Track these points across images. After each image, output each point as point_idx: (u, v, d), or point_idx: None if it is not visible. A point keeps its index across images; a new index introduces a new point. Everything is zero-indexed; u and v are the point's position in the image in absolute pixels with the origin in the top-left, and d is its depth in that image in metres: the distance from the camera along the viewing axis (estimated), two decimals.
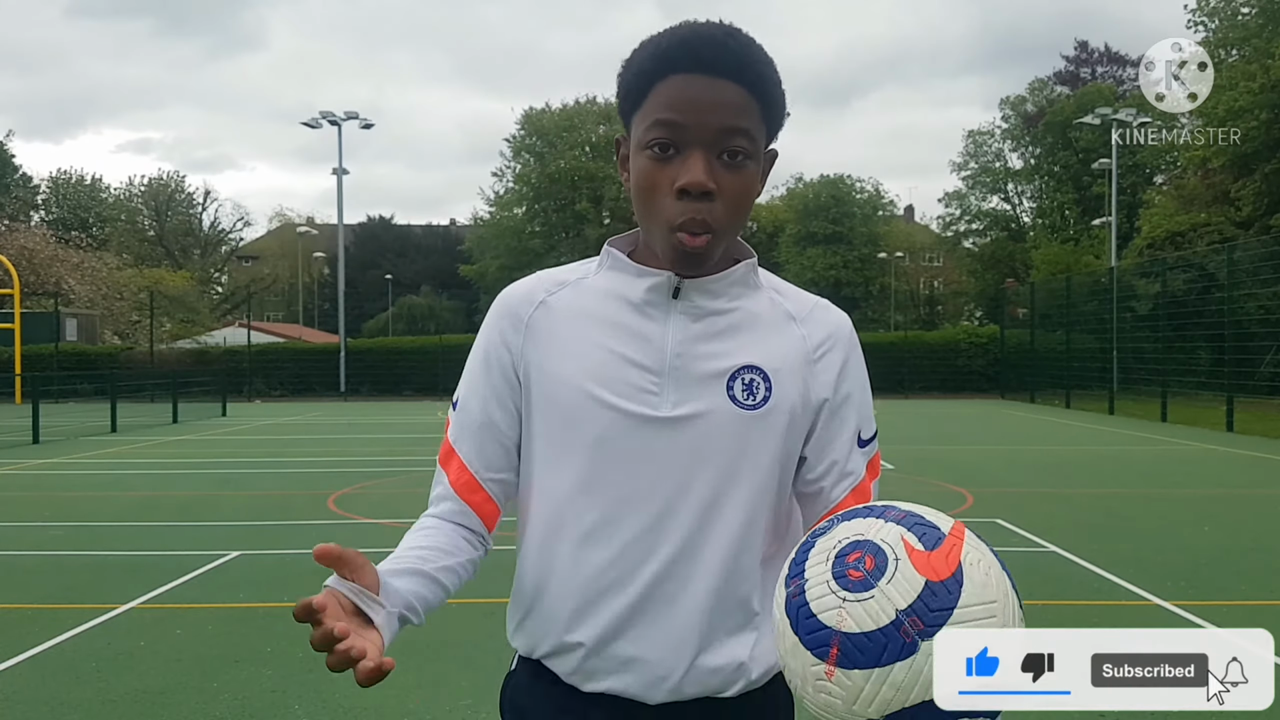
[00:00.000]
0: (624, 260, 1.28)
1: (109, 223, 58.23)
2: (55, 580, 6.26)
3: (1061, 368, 26.10)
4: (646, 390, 1.22)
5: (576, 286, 1.30)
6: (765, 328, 1.27)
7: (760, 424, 1.23)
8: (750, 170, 1.20)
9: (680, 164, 1.16)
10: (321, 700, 4.04)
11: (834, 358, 1.29)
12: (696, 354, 1.23)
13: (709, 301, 1.25)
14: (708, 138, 1.16)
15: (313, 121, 33.92)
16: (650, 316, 1.24)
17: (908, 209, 63.12)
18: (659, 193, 1.18)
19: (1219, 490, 10.50)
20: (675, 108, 1.16)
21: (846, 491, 1.29)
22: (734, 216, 1.20)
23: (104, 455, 14.23)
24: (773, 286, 1.32)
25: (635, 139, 1.21)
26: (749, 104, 1.18)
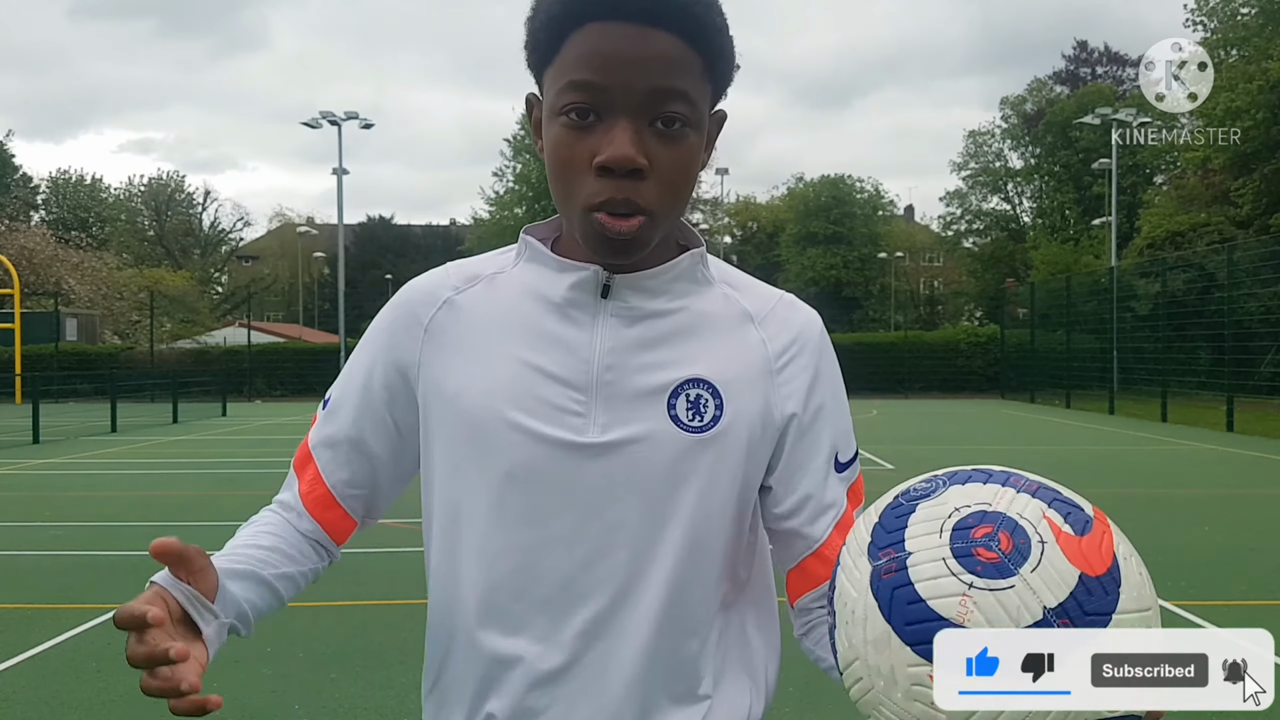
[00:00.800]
0: (543, 251, 1.06)
1: (109, 223, 58.25)
2: (55, 580, 6.26)
3: (1061, 368, 26.11)
4: (569, 411, 1.01)
5: (490, 282, 1.09)
6: (715, 331, 1.05)
7: (710, 449, 1.01)
8: (690, 141, 0.98)
9: (602, 134, 0.94)
10: (321, 700, 4.04)
11: (802, 364, 1.07)
12: (630, 365, 1.02)
13: (646, 301, 1.03)
14: (635, 102, 0.94)
15: (313, 121, 33.91)
16: (574, 320, 1.03)
17: (908, 209, 63.17)
18: (576, 169, 0.96)
19: (1219, 490, 10.50)
20: (593, 65, 0.93)
21: (830, 527, 1.06)
22: (671, 198, 0.98)
23: (104, 455, 14.23)
24: (725, 280, 1.10)
25: (548, 102, 0.99)
26: (687, 58, 0.95)
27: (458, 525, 1.05)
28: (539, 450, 1.00)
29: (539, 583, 1.01)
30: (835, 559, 0.94)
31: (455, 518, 1.05)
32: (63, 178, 59.19)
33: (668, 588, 1.01)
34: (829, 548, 1.05)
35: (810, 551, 1.07)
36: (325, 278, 60.66)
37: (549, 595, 1.00)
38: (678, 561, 1.01)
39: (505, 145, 50.36)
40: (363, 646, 4.74)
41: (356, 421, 1.11)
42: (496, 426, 1.02)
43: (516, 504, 1.01)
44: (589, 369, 1.01)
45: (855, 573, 0.82)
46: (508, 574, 1.02)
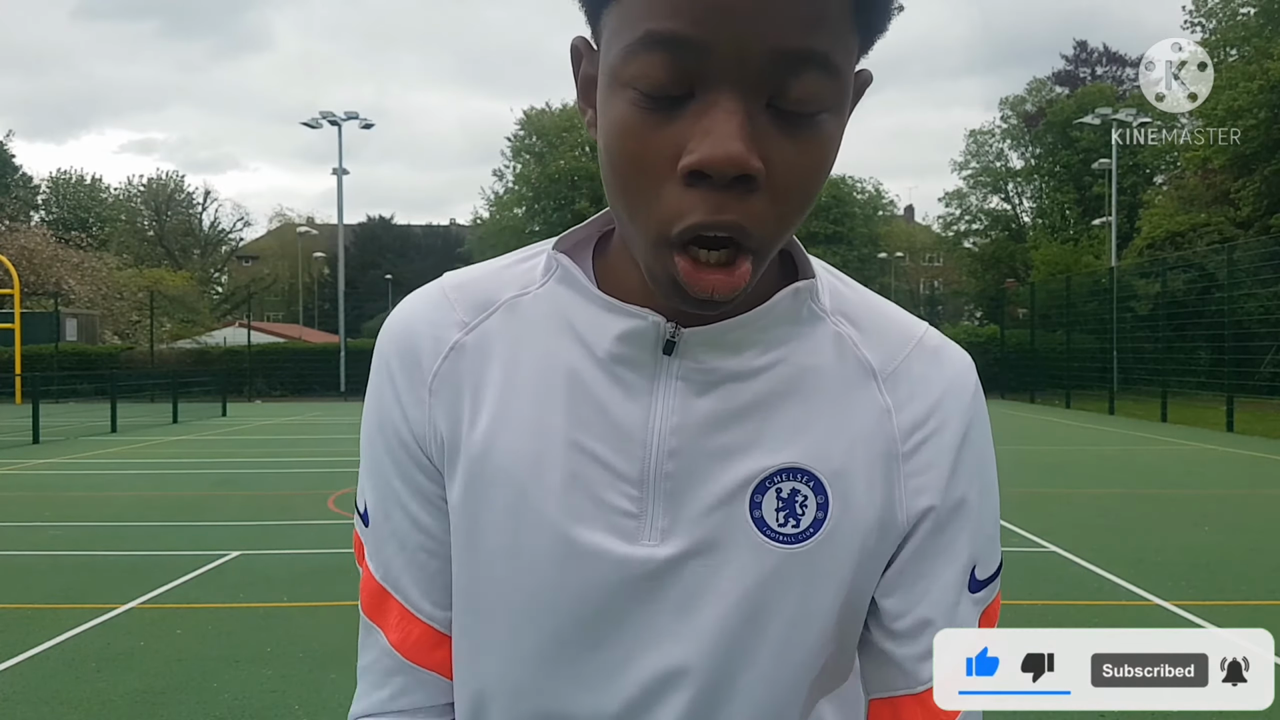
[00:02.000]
0: (581, 282, 0.76)
1: (109, 223, 58.25)
2: (55, 580, 6.26)
3: (1061, 368, 26.11)
4: (620, 511, 0.73)
5: (511, 310, 0.78)
6: (823, 394, 0.75)
7: (806, 565, 0.74)
8: (827, 132, 0.65)
9: (694, 120, 0.62)
10: (321, 700, 4.04)
11: (943, 445, 0.76)
12: (702, 451, 0.73)
13: (727, 360, 0.73)
14: (749, 71, 0.61)
15: (313, 122, 33.93)
16: (624, 385, 0.74)
17: (908, 209, 63.20)
18: (649, 169, 0.64)
19: (1219, 490, 10.50)
20: (685, 11, 0.60)
21: None
22: (792, 220, 0.66)
23: (104, 455, 14.22)
24: (842, 312, 0.77)
25: (609, 62, 0.65)
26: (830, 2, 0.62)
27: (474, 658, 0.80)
28: (575, 564, 0.74)
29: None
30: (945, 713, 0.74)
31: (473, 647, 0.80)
32: (63, 178, 59.20)
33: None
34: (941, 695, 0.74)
35: (910, 692, 0.77)
36: (325, 278, 60.64)
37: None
38: (755, 708, 0.75)
39: (505, 145, 50.43)
40: None
41: (410, 516, 0.81)
42: (524, 530, 0.75)
43: (542, 630, 0.76)
44: (645, 454, 0.73)
45: None
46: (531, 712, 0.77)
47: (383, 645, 0.84)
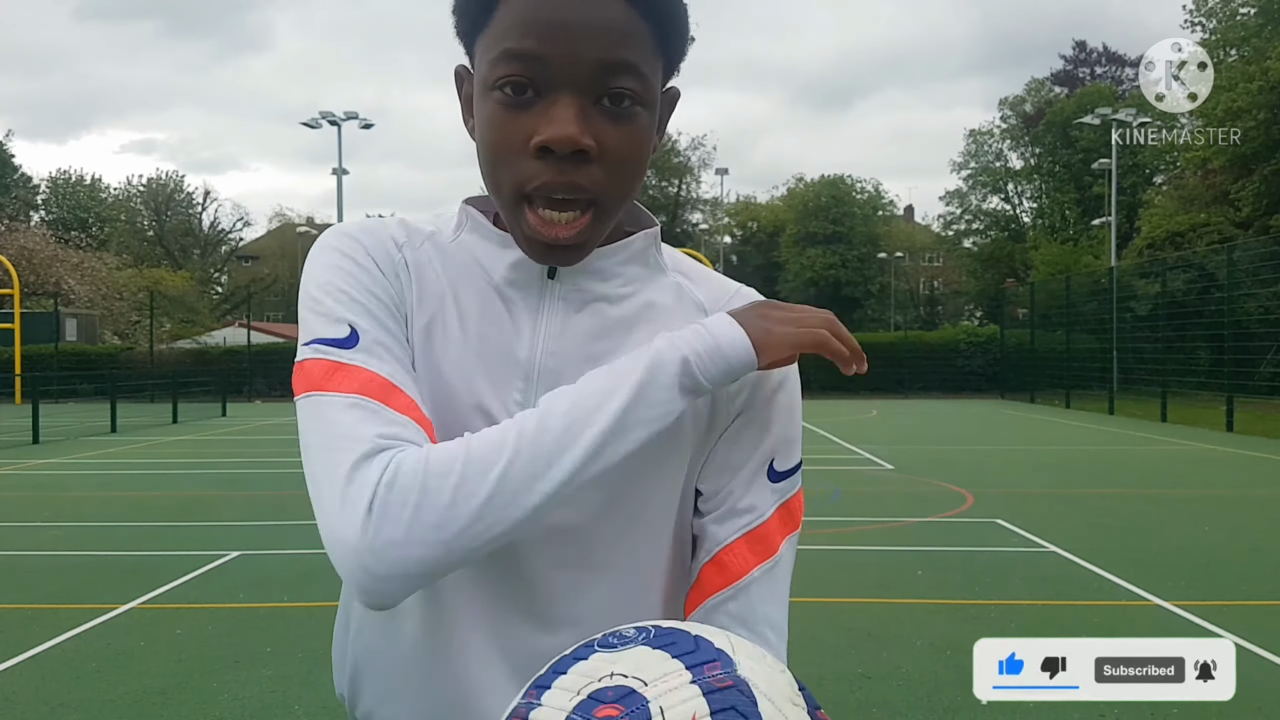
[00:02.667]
0: (485, 224, 0.96)
1: (109, 223, 58.24)
2: (55, 580, 6.26)
3: (1061, 368, 26.10)
4: (512, 399, 0.92)
5: (435, 243, 0.97)
6: (667, 321, 0.95)
7: (656, 449, 0.90)
8: (641, 120, 0.88)
9: (542, 112, 0.84)
10: (321, 700, 4.04)
11: None
12: (578, 355, 0.93)
13: (597, 284, 0.95)
14: (580, 75, 0.84)
15: (312, 122, 33.90)
16: (514, 303, 0.94)
17: (908, 209, 63.17)
18: (510, 150, 0.86)
19: (1219, 490, 10.50)
20: (531, 33, 0.83)
21: (739, 533, 0.95)
22: (621, 184, 0.88)
23: (104, 455, 14.23)
24: (679, 270, 1.01)
25: (480, 76, 0.89)
26: (636, 28, 0.85)
27: None
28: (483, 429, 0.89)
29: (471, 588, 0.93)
30: (733, 569, 0.93)
31: None
32: (62, 178, 59.20)
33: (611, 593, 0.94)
34: (730, 554, 0.94)
35: (709, 557, 0.95)
36: None
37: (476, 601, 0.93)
38: (619, 566, 0.94)
39: None
40: None
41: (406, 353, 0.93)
42: (463, 403, 0.92)
43: None
44: (531, 356, 0.93)
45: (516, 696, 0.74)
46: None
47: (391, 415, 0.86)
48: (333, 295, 0.91)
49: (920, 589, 5.83)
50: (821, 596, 5.62)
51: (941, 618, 5.21)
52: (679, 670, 0.67)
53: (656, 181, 52.92)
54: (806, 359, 0.94)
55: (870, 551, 7.08)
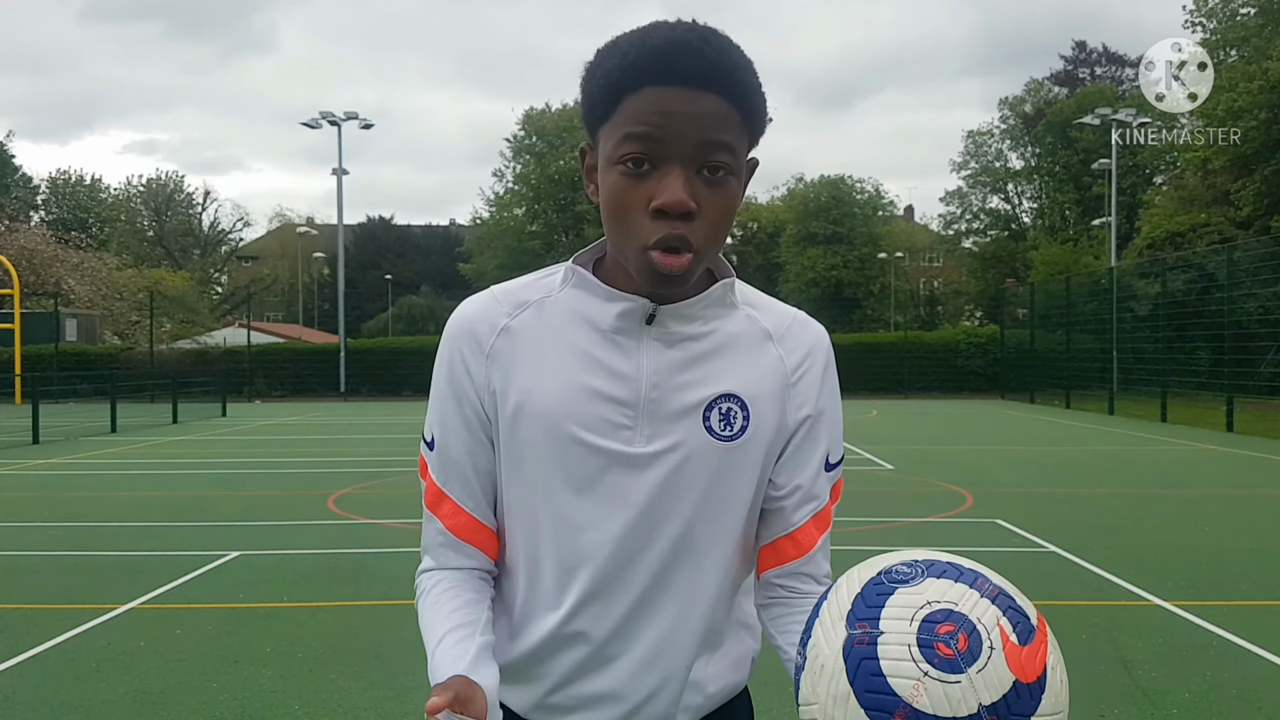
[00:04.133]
0: (592, 281, 1.19)
1: (109, 223, 58.23)
2: (55, 580, 6.26)
3: (1061, 368, 26.10)
4: (621, 425, 1.16)
5: (540, 307, 1.21)
6: (742, 350, 1.21)
7: (737, 454, 1.18)
8: (732, 187, 1.12)
9: (657, 181, 1.08)
10: (321, 700, 4.04)
11: (813, 375, 1.24)
12: (672, 385, 1.17)
13: (684, 326, 1.18)
14: (687, 153, 1.07)
15: (313, 122, 33.90)
16: (621, 347, 1.17)
17: (908, 209, 63.16)
18: (633, 212, 1.09)
19: (1219, 490, 10.50)
20: (649, 121, 1.07)
21: (809, 516, 1.24)
22: (716, 236, 1.12)
23: (104, 455, 14.23)
24: (748, 302, 1.25)
25: (605, 154, 1.12)
26: (730, 115, 1.09)
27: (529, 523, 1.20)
28: (595, 461, 1.16)
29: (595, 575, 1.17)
30: (805, 543, 1.23)
31: (526, 517, 1.20)
32: (62, 178, 59.18)
33: (695, 573, 1.19)
34: (803, 533, 1.23)
35: (785, 533, 1.23)
36: (325, 278, 60.64)
37: (599, 586, 1.18)
38: (707, 551, 1.19)
39: (505, 146, 50.43)
40: (363, 646, 4.74)
41: (467, 450, 1.21)
42: (558, 441, 1.16)
43: (575, 509, 1.17)
44: (637, 389, 1.16)
45: (831, 633, 0.96)
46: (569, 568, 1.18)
47: (438, 528, 1.23)
48: (433, 402, 1.24)
49: None
50: None
51: None
52: (966, 590, 0.93)
53: None
54: None
55: (870, 551, 7.05)
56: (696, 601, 1.20)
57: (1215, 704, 3.97)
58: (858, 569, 1.01)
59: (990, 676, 0.88)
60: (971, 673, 0.88)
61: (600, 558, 1.17)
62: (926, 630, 0.90)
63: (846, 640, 0.93)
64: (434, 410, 1.24)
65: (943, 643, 0.89)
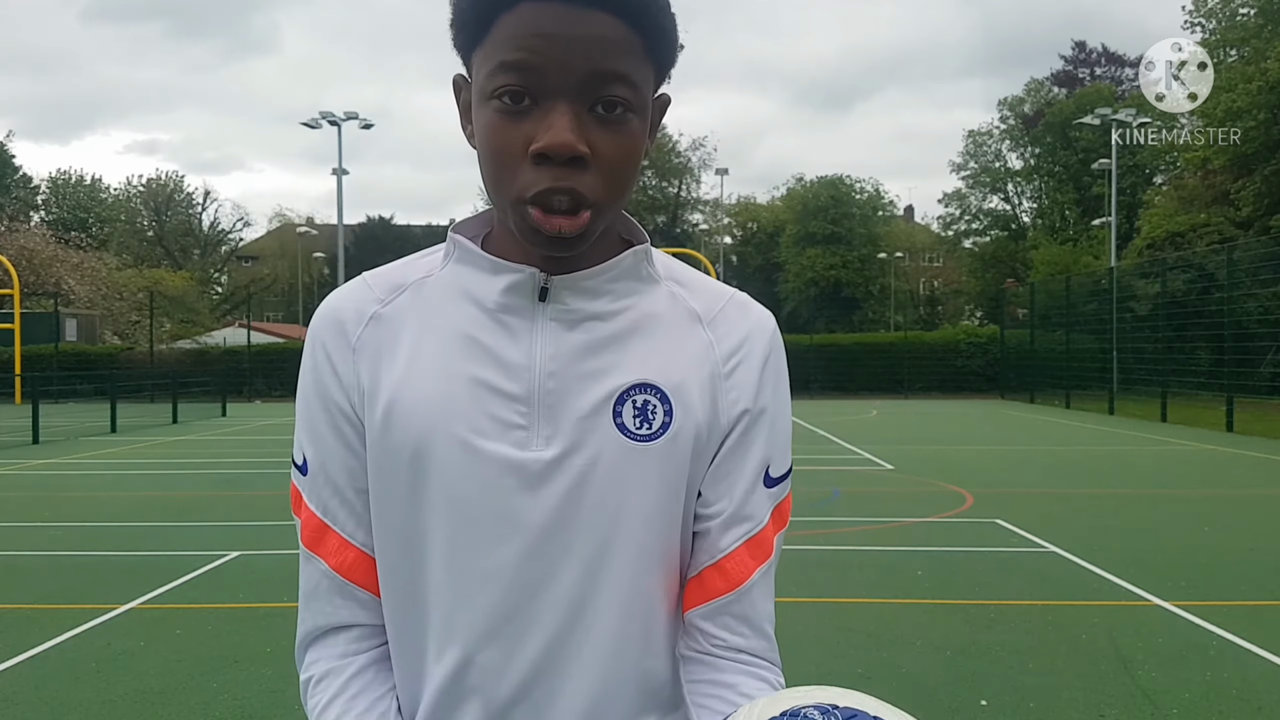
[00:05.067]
0: (473, 251, 0.98)
1: (109, 223, 58.23)
2: (55, 580, 6.26)
3: (1061, 368, 26.11)
4: (513, 425, 0.94)
5: (417, 290, 1.00)
6: (662, 332, 0.98)
7: (656, 457, 0.94)
8: (634, 126, 0.90)
9: (539, 119, 0.87)
10: None
11: (750, 366, 1.00)
12: (573, 374, 0.95)
13: (587, 303, 0.96)
14: (574, 84, 0.87)
15: (312, 122, 33.88)
16: (510, 327, 0.95)
17: (908, 209, 63.16)
18: (510, 157, 0.88)
19: (1219, 490, 10.50)
20: (527, 45, 0.86)
21: (739, 541, 0.98)
22: (614, 187, 0.90)
23: (104, 455, 14.23)
24: (673, 278, 1.02)
25: (478, 87, 0.91)
26: (627, 39, 0.88)
27: (399, 559, 0.97)
28: (482, 470, 0.93)
29: (486, 615, 0.94)
30: (736, 575, 0.98)
31: (396, 550, 0.97)
32: (62, 178, 59.20)
33: (621, 608, 0.95)
34: (732, 561, 0.98)
35: (711, 562, 0.99)
36: (325, 278, 60.62)
37: (494, 627, 0.94)
38: (631, 578, 0.95)
39: None
40: None
41: (342, 464, 1.00)
42: (435, 447, 0.94)
43: (456, 531, 0.94)
44: (530, 378, 0.94)
45: None
46: (450, 609, 0.94)
47: (323, 570, 1.00)
48: (299, 417, 1.03)
49: (920, 589, 5.83)
50: (822, 596, 5.62)
51: (941, 618, 5.21)
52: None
53: (656, 182, 52.94)
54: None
55: (870, 551, 7.08)
56: (627, 647, 0.95)
57: (1215, 704, 3.97)
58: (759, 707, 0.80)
59: None
60: None
61: (493, 591, 0.93)
62: None
63: None
64: (302, 426, 1.02)
65: None
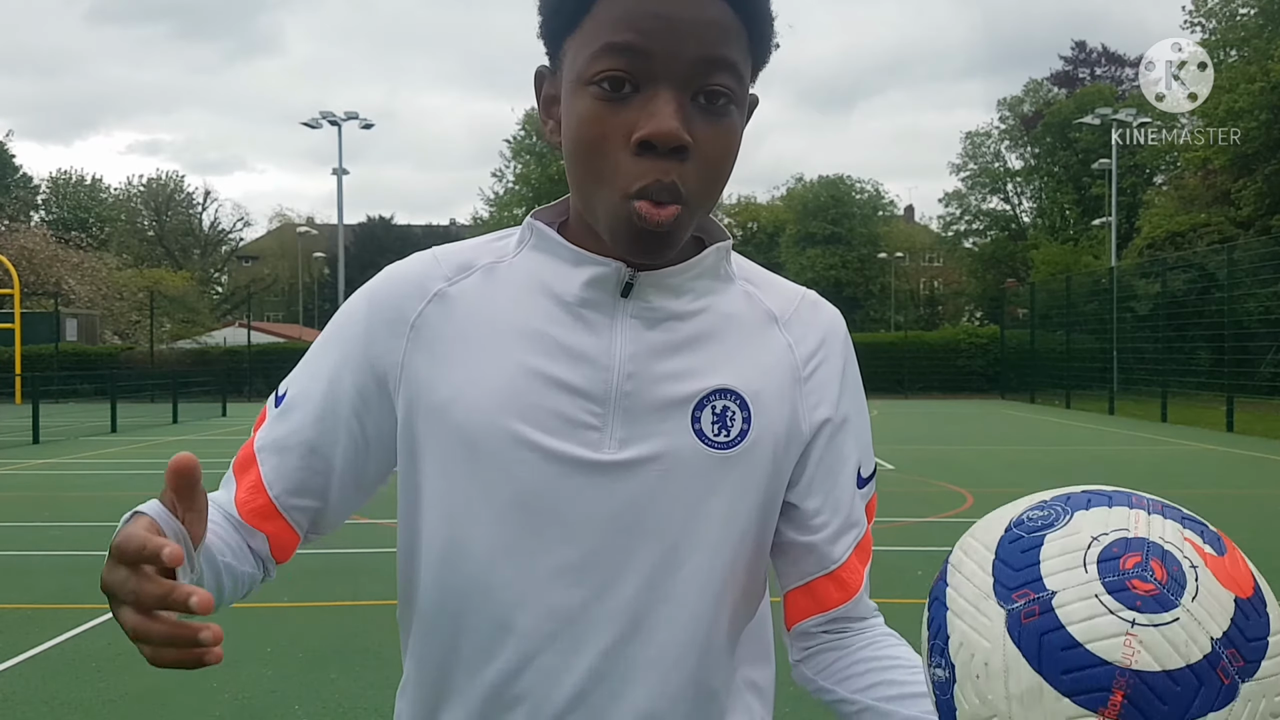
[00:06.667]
0: (555, 240, 0.93)
1: (109, 223, 58.23)
2: (55, 580, 6.26)
3: (1061, 368, 26.12)
4: (584, 425, 0.89)
5: (489, 273, 0.94)
6: (741, 335, 0.94)
7: (735, 467, 0.91)
8: (734, 120, 0.87)
9: (641, 107, 0.82)
10: (321, 700, 4.04)
11: (830, 370, 0.97)
12: (653, 374, 0.90)
13: (669, 301, 0.92)
14: (680, 71, 0.82)
15: (313, 122, 33.89)
16: (589, 323, 0.90)
17: (908, 209, 63.16)
18: (608, 146, 0.83)
19: (1219, 490, 10.50)
20: (636, 27, 0.81)
21: (851, 548, 0.97)
22: (712, 183, 0.87)
23: (104, 455, 14.23)
24: (746, 277, 0.99)
25: (573, 72, 0.85)
26: (735, 27, 0.84)
27: (455, 553, 0.92)
28: (549, 470, 0.88)
29: (547, 617, 0.89)
30: (852, 584, 0.96)
31: (451, 545, 0.92)
32: (63, 178, 59.21)
33: (684, 619, 0.90)
34: (848, 570, 0.96)
35: (825, 572, 0.96)
36: (325, 278, 60.63)
37: (555, 630, 0.89)
38: (695, 592, 0.90)
39: (505, 146, 50.45)
40: (363, 646, 4.74)
41: (316, 424, 0.95)
42: (499, 443, 0.89)
43: (522, 531, 0.89)
44: (608, 378, 0.89)
45: (981, 619, 0.71)
46: (511, 607, 0.90)
47: (230, 497, 0.98)
48: (311, 353, 0.99)
49: (920, 589, 5.81)
50: None
51: None
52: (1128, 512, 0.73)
53: None
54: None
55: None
56: (685, 658, 0.91)
57: None
58: (971, 535, 0.79)
59: (1208, 602, 0.67)
60: (1186, 603, 0.67)
61: (557, 594, 0.89)
62: (1109, 570, 0.68)
63: (1009, 619, 0.70)
64: (308, 366, 0.98)
65: (1137, 578, 0.67)
